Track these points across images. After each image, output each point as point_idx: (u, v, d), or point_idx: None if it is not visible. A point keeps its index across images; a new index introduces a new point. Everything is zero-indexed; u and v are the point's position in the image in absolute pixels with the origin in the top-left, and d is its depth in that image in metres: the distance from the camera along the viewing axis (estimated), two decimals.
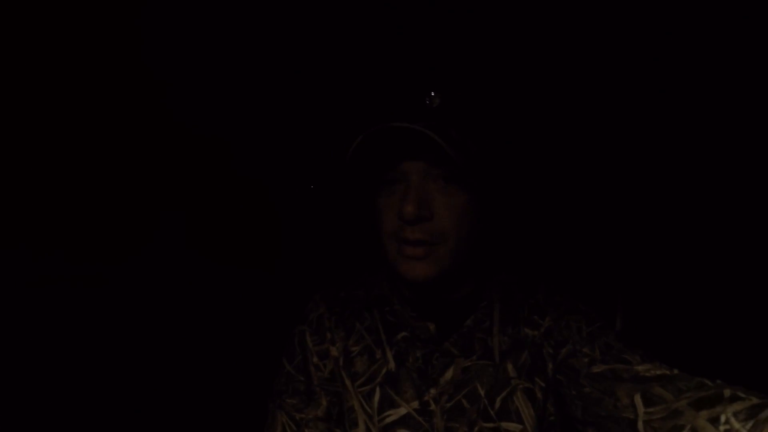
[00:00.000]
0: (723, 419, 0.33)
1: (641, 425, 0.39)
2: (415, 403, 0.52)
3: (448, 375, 0.53)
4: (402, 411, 0.52)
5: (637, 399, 0.40)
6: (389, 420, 0.52)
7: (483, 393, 0.51)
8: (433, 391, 0.52)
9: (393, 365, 0.54)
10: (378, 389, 0.53)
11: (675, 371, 0.42)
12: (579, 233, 1.11)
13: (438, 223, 0.49)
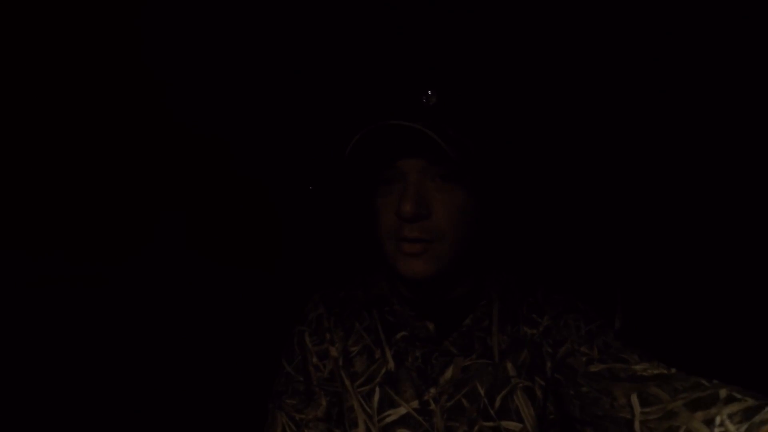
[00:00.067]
0: (718, 421, 0.33)
1: (638, 425, 0.39)
2: (415, 403, 0.52)
3: (447, 374, 0.52)
4: (402, 411, 0.52)
5: (634, 399, 0.40)
6: (389, 420, 0.52)
7: (483, 392, 0.51)
8: (433, 391, 0.52)
9: (392, 365, 0.54)
10: (377, 389, 0.53)
11: (672, 370, 0.42)
12: (578, 231, 1.11)
13: (436, 221, 0.49)
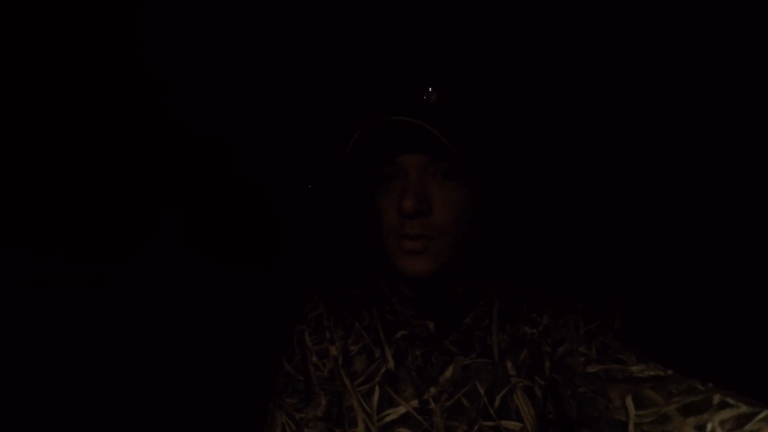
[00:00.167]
0: (709, 428, 0.33)
1: (632, 428, 0.39)
2: (415, 402, 0.52)
3: (447, 373, 0.52)
4: (401, 410, 0.52)
5: (629, 401, 0.40)
6: (388, 419, 0.52)
7: (482, 391, 0.51)
8: (433, 390, 0.52)
9: (392, 364, 0.54)
10: (377, 388, 0.53)
11: (669, 372, 0.42)
12: (578, 230, 1.11)
13: (436, 218, 0.49)
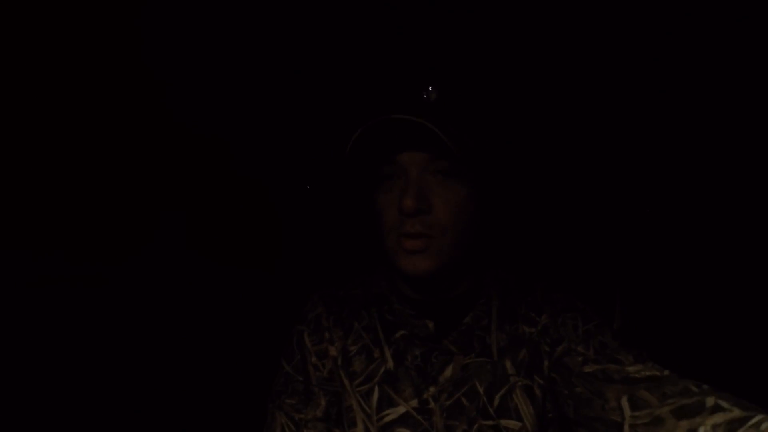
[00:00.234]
0: (701, 431, 0.33)
1: (627, 429, 0.39)
2: (414, 402, 0.52)
3: (447, 373, 0.52)
4: (401, 410, 0.52)
5: (624, 402, 0.40)
6: (388, 419, 0.52)
7: (482, 390, 0.51)
8: (432, 390, 0.52)
9: (391, 364, 0.54)
10: (377, 388, 0.53)
11: (666, 372, 0.42)
12: (577, 230, 1.11)
13: (437, 216, 0.49)
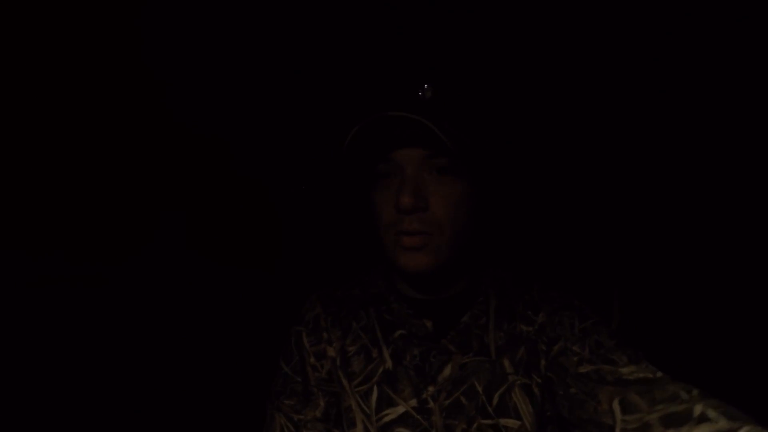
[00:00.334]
0: None
1: None
2: (414, 401, 0.52)
3: (446, 372, 0.52)
4: (400, 409, 0.52)
5: (616, 405, 0.41)
6: (387, 419, 0.52)
7: (481, 389, 0.51)
8: (431, 389, 0.52)
9: (390, 364, 0.54)
10: (375, 388, 0.53)
11: (658, 374, 0.42)
12: (575, 228, 1.10)
13: (434, 214, 0.49)
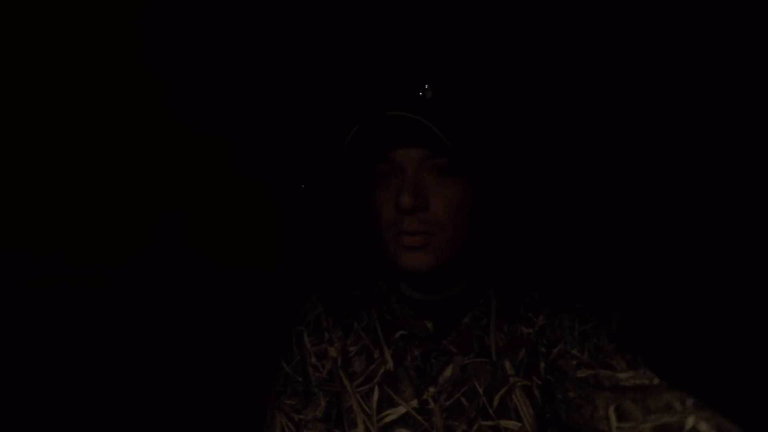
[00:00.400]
0: None
1: None
2: (414, 402, 0.52)
3: (446, 373, 0.52)
4: (401, 410, 0.52)
5: (611, 412, 0.41)
6: (388, 419, 0.52)
7: (481, 391, 0.51)
8: (432, 390, 0.52)
9: (391, 364, 0.54)
10: (377, 389, 0.53)
11: (655, 381, 0.43)
12: (575, 228, 1.10)
13: (434, 213, 0.49)
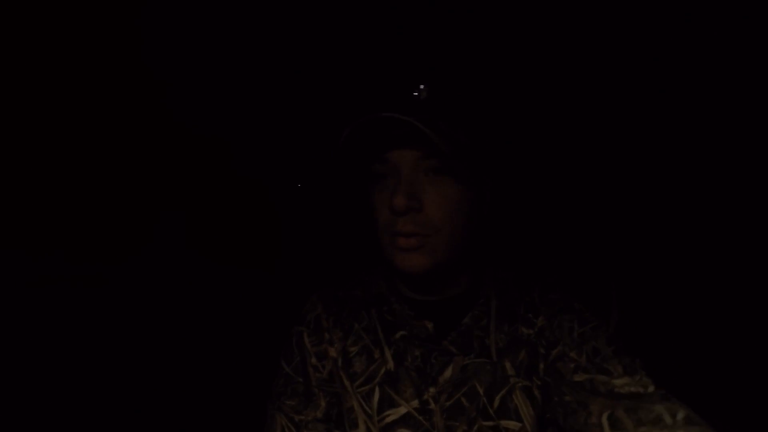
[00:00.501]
0: None
1: None
2: (415, 402, 0.52)
3: (447, 373, 0.52)
4: (402, 410, 0.52)
5: (604, 419, 0.42)
6: (389, 419, 0.52)
7: (482, 391, 0.51)
8: (433, 390, 0.52)
9: (392, 365, 0.54)
10: (377, 389, 0.53)
11: (650, 389, 0.43)
12: (574, 227, 1.10)
13: (429, 215, 0.49)
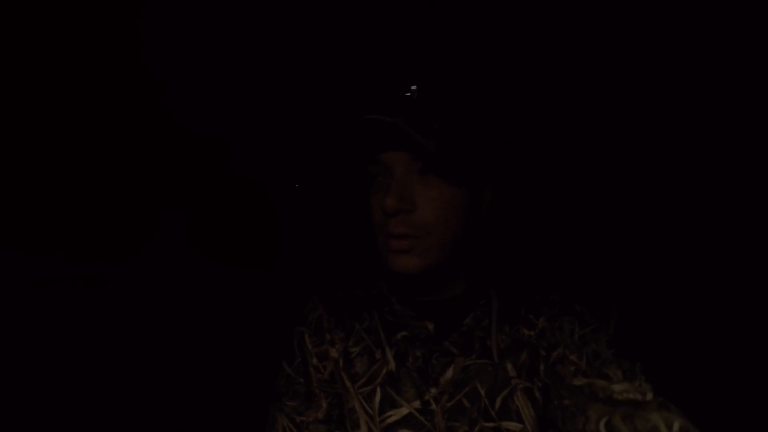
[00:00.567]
0: None
1: None
2: (417, 403, 0.52)
3: (448, 374, 0.52)
4: (403, 411, 0.52)
5: (602, 426, 0.42)
6: (391, 420, 0.52)
7: (483, 392, 0.51)
8: (434, 391, 0.52)
9: (393, 365, 0.54)
10: (379, 390, 0.53)
11: (648, 396, 0.43)
12: (574, 227, 1.10)
13: (420, 216, 0.48)
